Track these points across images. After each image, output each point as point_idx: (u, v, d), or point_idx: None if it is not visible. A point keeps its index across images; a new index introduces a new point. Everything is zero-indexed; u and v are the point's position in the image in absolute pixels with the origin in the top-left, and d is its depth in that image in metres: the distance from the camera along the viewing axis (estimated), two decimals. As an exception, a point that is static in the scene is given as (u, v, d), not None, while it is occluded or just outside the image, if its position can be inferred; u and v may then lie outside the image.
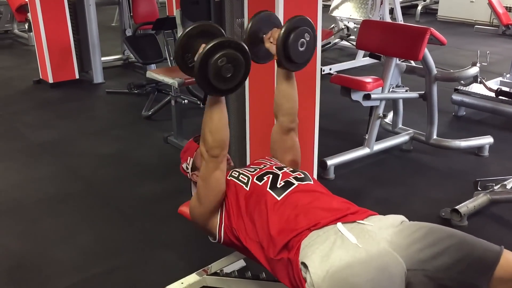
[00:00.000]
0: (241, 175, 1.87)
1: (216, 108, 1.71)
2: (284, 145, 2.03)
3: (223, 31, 1.73)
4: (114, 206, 2.99)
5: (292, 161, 2.03)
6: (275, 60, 1.85)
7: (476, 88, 4.21)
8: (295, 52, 1.81)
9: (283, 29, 1.77)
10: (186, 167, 2.06)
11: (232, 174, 1.90)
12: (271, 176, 1.81)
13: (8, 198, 3.10)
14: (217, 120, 1.71)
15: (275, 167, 1.89)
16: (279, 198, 1.71)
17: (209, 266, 2.08)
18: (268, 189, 1.75)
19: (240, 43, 1.61)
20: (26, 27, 7.24)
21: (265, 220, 1.66)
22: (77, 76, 5.50)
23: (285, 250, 1.59)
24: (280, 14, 2.44)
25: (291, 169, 1.89)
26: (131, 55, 5.68)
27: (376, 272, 1.41)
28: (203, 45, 1.57)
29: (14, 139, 4.05)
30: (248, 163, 2.92)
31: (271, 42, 1.83)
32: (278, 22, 1.94)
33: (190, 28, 1.68)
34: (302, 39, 1.80)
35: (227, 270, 2.11)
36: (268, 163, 1.97)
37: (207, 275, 2.06)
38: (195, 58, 1.57)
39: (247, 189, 1.80)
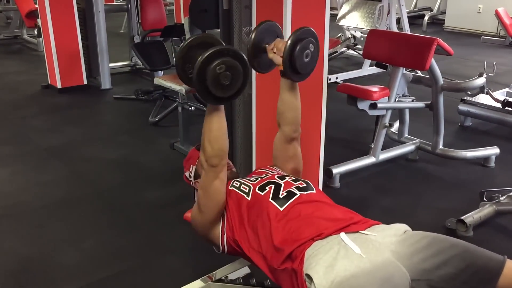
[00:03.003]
0: (242, 185, 1.86)
1: (215, 117, 1.70)
2: (286, 154, 2.03)
3: (222, 43, 1.74)
4: (120, 211, 3.00)
5: (293, 169, 2.04)
6: (279, 70, 1.87)
7: (482, 98, 4.21)
8: (301, 63, 1.83)
9: (289, 41, 1.78)
10: (189, 175, 2.07)
11: (234, 184, 1.89)
12: (273, 186, 1.80)
13: (15, 202, 3.12)
14: (215, 129, 1.71)
15: (277, 177, 1.88)
16: (281, 209, 1.70)
17: (214, 272, 2.08)
18: (270, 199, 1.74)
19: (239, 51, 1.63)
20: (36, 32, 7.30)
21: (268, 231, 1.66)
22: (85, 82, 5.54)
23: (288, 260, 1.58)
24: (288, 23, 2.46)
25: (293, 178, 1.88)
26: (139, 61, 5.73)
27: (381, 282, 1.41)
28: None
29: (21, 144, 4.08)
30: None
31: (274, 53, 1.85)
32: (280, 32, 1.95)
33: (190, 39, 1.70)
34: (307, 50, 1.83)
35: (231, 276, 2.11)
36: (270, 172, 1.96)
37: (211, 281, 2.06)
38: (195, 66, 1.59)
39: (249, 199, 1.79)
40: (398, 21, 6.20)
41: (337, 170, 3.27)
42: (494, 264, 1.45)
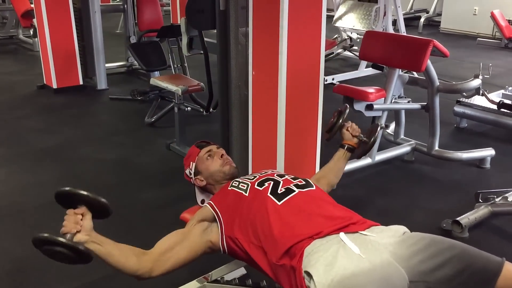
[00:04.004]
0: (241, 184, 1.89)
1: (103, 259, 1.63)
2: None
3: (93, 198, 1.64)
4: (116, 212, 2.96)
5: (327, 185, 2.18)
6: (346, 145, 2.21)
7: (478, 100, 4.22)
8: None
9: (375, 136, 2.16)
10: (189, 172, 2.08)
11: (233, 184, 1.92)
12: (272, 182, 1.83)
13: (11, 202, 3.11)
14: (112, 266, 1.66)
15: (276, 175, 1.91)
16: (279, 203, 1.72)
17: (210, 273, 2.08)
18: (268, 194, 1.77)
19: (70, 245, 1.53)
20: (31, 32, 7.29)
21: (267, 224, 1.67)
22: (81, 82, 5.53)
23: (287, 256, 1.59)
24: (284, 24, 2.46)
25: (293, 176, 1.91)
26: (135, 62, 5.72)
27: (380, 282, 1.42)
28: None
29: (17, 144, 4.06)
30: (250, 170, 2.93)
31: (348, 130, 2.20)
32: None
33: (58, 193, 1.63)
34: None
35: (227, 277, 2.11)
36: (270, 171, 2.00)
37: (207, 282, 2.06)
38: None
39: (247, 195, 1.82)
40: (394, 22, 6.22)
41: (333, 171, 3.26)
42: (492, 265, 1.46)
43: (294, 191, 1.77)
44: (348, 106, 2.26)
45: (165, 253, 1.74)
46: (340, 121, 2.22)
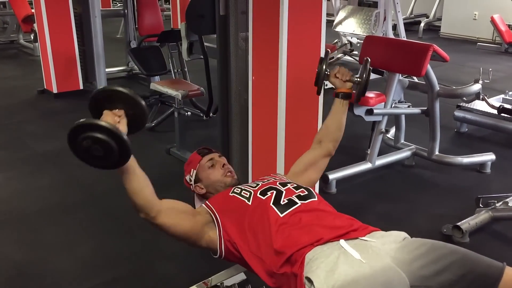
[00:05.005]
0: (243, 191, 1.87)
1: (123, 179, 1.69)
2: (315, 165, 2.12)
3: (133, 96, 1.64)
4: (115, 217, 2.99)
5: (310, 181, 2.09)
6: (340, 93, 2.07)
7: (478, 105, 4.22)
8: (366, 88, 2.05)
9: (367, 72, 2.00)
10: (190, 179, 2.07)
11: (235, 190, 1.90)
12: (274, 192, 1.81)
13: (10, 207, 3.11)
14: (128, 188, 1.70)
15: (279, 183, 1.89)
16: (281, 215, 1.71)
17: (210, 278, 2.07)
18: (271, 204, 1.75)
19: (112, 129, 1.50)
20: (32, 37, 7.31)
21: (268, 235, 1.67)
22: (81, 87, 5.53)
23: (287, 264, 1.59)
24: (284, 29, 2.47)
25: (295, 185, 1.89)
26: (135, 66, 5.72)
27: (381, 287, 1.42)
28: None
29: (17, 149, 4.06)
30: (250, 175, 2.92)
31: (337, 77, 2.05)
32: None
33: (98, 91, 1.64)
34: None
35: (227, 283, 2.10)
36: (272, 178, 1.98)
37: (207, 287, 2.05)
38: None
39: (249, 203, 1.80)
40: (394, 27, 6.23)
41: (333, 176, 3.26)
42: (493, 270, 1.45)
43: (297, 203, 1.76)
44: (329, 51, 2.09)
45: (172, 210, 1.77)
46: (324, 67, 2.03)
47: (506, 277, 1.43)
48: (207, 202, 1.89)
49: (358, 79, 2.03)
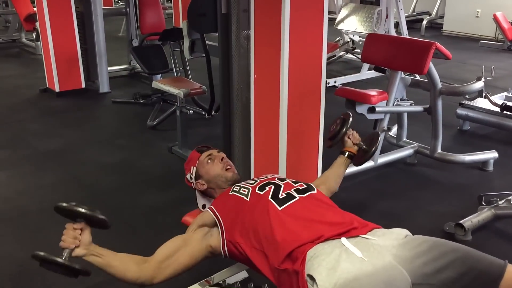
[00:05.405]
0: (242, 189, 1.89)
1: (104, 270, 1.70)
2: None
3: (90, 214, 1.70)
4: (118, 215, 2.99)
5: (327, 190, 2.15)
6: (347, 152, 2.23)
7: (481, 102, 4.21)
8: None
9: (376, 145, 2.19)
10: (190, 177, 2.08)
11: (234, 189, 1.92)
12: (273, 186, 1.83)
13: (13, 206, 3.11)
14: (114, 276, 1.72)
15: (277, 179, 1.91)
16: (280, 209, 1.72)
17: (212, 277, 2.08)
18: (269, 198, 1.76)
19: (68, 265, 1.62)
20: (34, 36, 7.31)
21: (269, 228, 1.67)
22: (83, 85, 5.54)
23: (289, 260, 1.59)
24: (286, 26, 2.46)
25: (294, 180, 1.91)
26: (137, 65, 5.73)
27: (382, 285, 1.42)
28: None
29: (20, 147, 4.07)
30: (252, 173, 2.92)
31: (349, 138, 2.23)
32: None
33: (56, 209, 1.68)
34: None
35: (229, 281, 2.11)
36: (271, 175, 2.00)
37: (209, 286, 2.06)
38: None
39: (248, 199, 1.81)
40: (397, 25, 6.22)
41: (335, 174, 3.26)
42: (495, 268, 1.45)
43: (295, 197, 1.77)
44: (351, 114, 2.28)
45: (165, 260, 1.76)
46: (344, 129, 2.24)
47: (508, 274, 1.43)
48: (211, 206, 1.90)
49: (366, 148, 2.21)
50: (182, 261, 1.78)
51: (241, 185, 1.92)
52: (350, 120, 2.25)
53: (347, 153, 2.23)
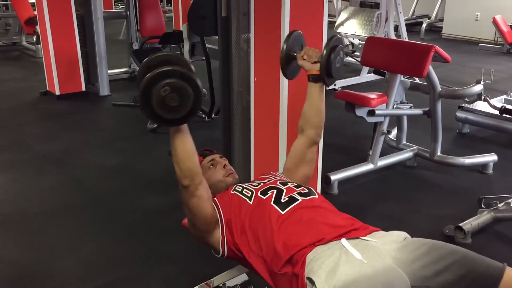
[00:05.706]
0: (244, 190, 1.88)
1: (177, 139, 1.65)
2: (304, 158, 2.04)
3: (186, 61, 1.65)
4: (117, 218, 3.00)
5: (304, 176, 2.04)
6: (310, 76, 1.97)
7: (480, 105, 4.22)
8: (335, 68, 1.92)
9: (327, 49, 1.88)
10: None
11: (236, 188, 1.91)
12: (275, 191, 1.82)
13: (13, 209, 3.11)
14: (180, 152, 1.66)
15: (279, 182, 1.89)
16: (283, 213, 1.71)
17: (212, 279, 2.08)
18: (272, 203, 1.76)
19: (187, 72, 1.53)
20: (34, 39, 7.32)
21: (270, 234, 1.67)
22: (83, 88, 5.55)
23: (289, 264, 1.59)
24: (285, 30, 2.47)
25: (295, 184, 1.89)
26: (138, 68, 5.73)
27: (382, 287, 1.42)
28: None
29: (20, 150, 4.07)
30: (252, 176, 2.93)
31: (305, 59, 1.95)
32: (304, 41, 2.05)
33: (150, 58, 1.63)
34: (339, 57, 1.92)
35: (229, 284, 2.11)
36: (273, 178, 1.99)
37: (209, 288, 2.06)
38: (139, 87, 1.52)
39: (251, 203, 1.81)
40: (396, 28, 6.23)
41: (335, 176, 3.27)
42: (493, 271, 1.45)
43: (298, 199, 1.76)
44: (293, 32, 2.01)
45: (207, 188, 1.78)
46: (285, 47, 1.94)
47: (506, 277, 1.43)
48: (214, 198, 1.88)
49: (319, 59, 1.89)
50: (210, 204, 1.79)
51: (244, 186, 1.91)
52: (292, 36, 1.96)
53: (310, 77, 1.96)
